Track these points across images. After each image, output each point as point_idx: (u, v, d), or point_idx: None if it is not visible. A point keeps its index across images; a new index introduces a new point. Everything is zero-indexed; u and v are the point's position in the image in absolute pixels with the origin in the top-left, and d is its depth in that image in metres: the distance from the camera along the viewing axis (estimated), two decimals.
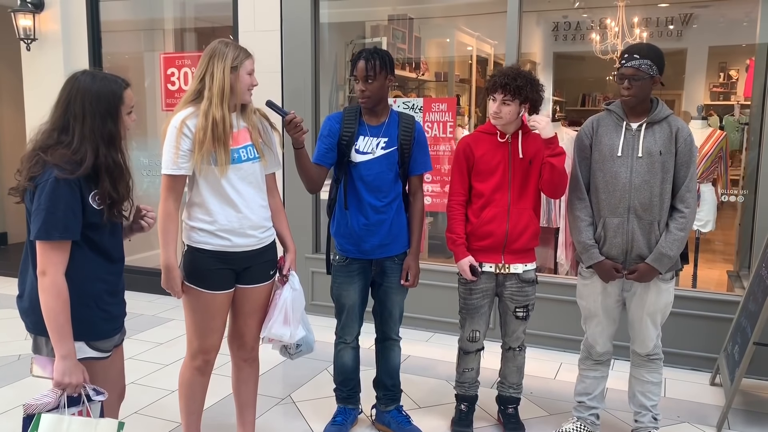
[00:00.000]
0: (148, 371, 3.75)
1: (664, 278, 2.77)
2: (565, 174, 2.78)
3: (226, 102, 2.36)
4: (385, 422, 3.09)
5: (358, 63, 2.74)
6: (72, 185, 1.90)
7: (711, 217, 4.64)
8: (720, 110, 8.37)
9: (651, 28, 6.80)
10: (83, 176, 1.92)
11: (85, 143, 1.94)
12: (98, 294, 2.02)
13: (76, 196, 1.91)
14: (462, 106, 6.52)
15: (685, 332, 3.86)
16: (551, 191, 2.84)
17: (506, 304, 2.94)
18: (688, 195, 2.71)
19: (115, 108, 1.99)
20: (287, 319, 2.56)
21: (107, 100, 1.97)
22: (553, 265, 4.90)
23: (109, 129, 1.97)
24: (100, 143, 1.95)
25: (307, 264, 4.76)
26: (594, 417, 3.03)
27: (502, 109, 2.76)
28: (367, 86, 2.74)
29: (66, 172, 1.89)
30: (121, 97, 2.00)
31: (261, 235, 2.52)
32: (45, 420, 1.92)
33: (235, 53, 2.39)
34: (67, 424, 1.92)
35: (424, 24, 5.95)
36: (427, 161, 2.94)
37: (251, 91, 2.47)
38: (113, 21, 5.63)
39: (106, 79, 2.01)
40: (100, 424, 1.96)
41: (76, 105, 1.95)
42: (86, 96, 1.95)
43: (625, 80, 2.65)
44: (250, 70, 2.44)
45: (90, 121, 1.94)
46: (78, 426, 1.93)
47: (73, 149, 1.93)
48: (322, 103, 4.86)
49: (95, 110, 1.95)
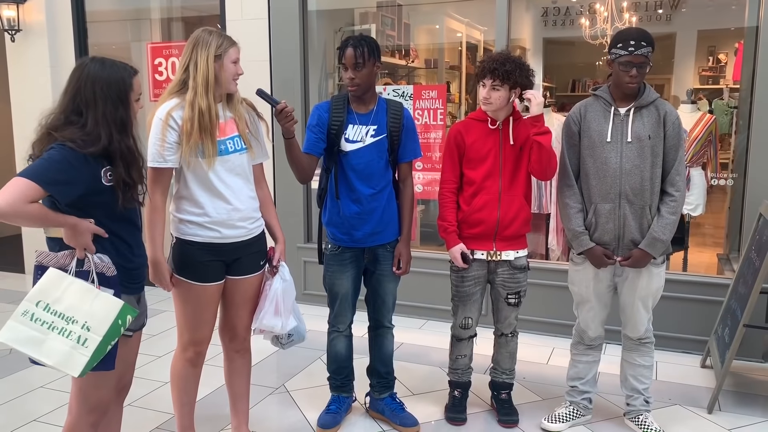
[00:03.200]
0: (140, 363, 3.69)
1: (655, 263, 2.78)
2: (553, 154, 2.77)
3: (211, 91, 2.34)
4: (379, 410, 3.10)
5: (347, 50, 2.72)
6: (78, 154, 1.91)
7: (701, 201, 4.67)
8: (709, 94, 8.39)
9: (640, 12, 6.78)
10: (95, 155, 1.94)
11: (98, 128, 1.96)
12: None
13: (80, 161, 1.91)
14: (452, 93, 6.50)
15: (676, 316, 3.89)
16: (541, 171, 2.81)
17: (498, 290, 2.94)
18: (678, 178, 2.72)
19: (125, 94, 2.01)
20: (278, 310, 2.56)
21: (117, 87, 1.99)
22: (544, 251, 4.92)
23: (121, 115, 2.00)
24: (113, 129, 1.97)
25: (299, 254, 4.75)
26: (587, 401, 3.05)
27: (491, 95, 2.75)
28: (357, 73, 2.72)
29: (76, 145, 1.91)
30: (130, 83, 2.03)
31: (250, 226, 2.50)
32: (50, 272, 1.94)
33: (218, 41, 2.36)
34: (68, 282, 1.94)
35: (413, 10, 5.91)
36: (416, 148, 2.93)
37: (237, 81, 2.44)
38: (99, 11, 5.57)
39: (115, 65, 2.02)
40: (100, 296, 1.95)
41: (87, 91, 1.97)
42: (97, 82, 1.97)
43: (634, 68, 2.62)
44: (235, 58, 2.41)
45: (102, 106, 1.96)
46: (78, 288, 1.94)
47: (87, 131, 1.95)
48: (312, 91, 4.83)
49: (107, 96, 1.97)
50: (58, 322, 1.91)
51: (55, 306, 1.92)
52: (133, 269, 2.14)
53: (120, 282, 2.04)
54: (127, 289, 2.11)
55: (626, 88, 2.68)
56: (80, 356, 1.90)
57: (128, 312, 1.99)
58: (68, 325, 1.91)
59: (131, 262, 2.13)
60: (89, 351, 1.91)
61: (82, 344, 1.91)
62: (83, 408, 2.11)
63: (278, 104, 2.50)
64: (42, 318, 1.91)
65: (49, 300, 1.92)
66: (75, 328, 1.91)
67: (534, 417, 3.10)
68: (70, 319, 1.92)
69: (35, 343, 1.90)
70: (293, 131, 2.58)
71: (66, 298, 1.93)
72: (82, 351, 1.91)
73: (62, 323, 1.92)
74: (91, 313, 1.93)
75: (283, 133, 2.58)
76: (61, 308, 1.92)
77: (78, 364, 1.90)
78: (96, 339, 1.92)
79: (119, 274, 2.04)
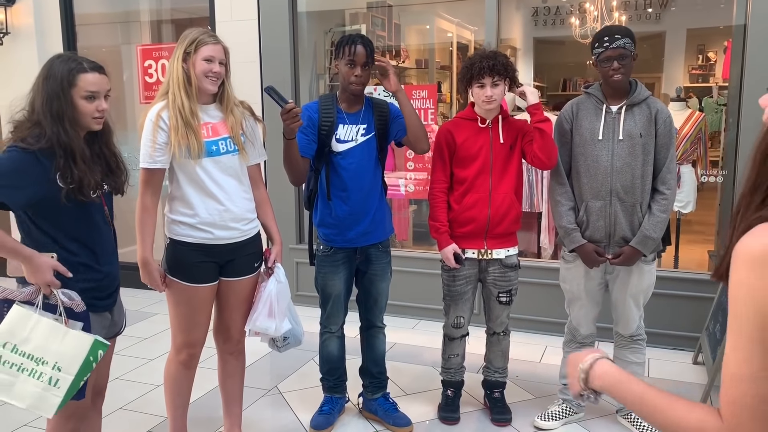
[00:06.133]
0: (132, 366, 3.72)
1: (646, 260, 2.79)
2: (554, 142, 2.77)
3: (183, 90, 2.32)
4: (372, 410, 3.10)
5: (357, 48, 2.69)
6: (28, 155, 1.92)
7: (691, 198, 4.70)
8: (699, 92, 8.43)
9: (630, 11, 6.80)
10: (46, 151, 1.93)
11: (41, 119, 1.97)
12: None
13: (29, 162, 1.91)
14: (443, 93, 6.51)
15: (668, 312, 3.90)
16: (546, 157, 2.71)
17: (489, 289, 2.95)
18: (669, 176, 2.73)
19: (62, 89, 1.99)
20: (272, 312, 2.55)
21: (57, 80, 1.99)
22: (536, 249, 4.93)
23: (57, 107, 1.98)
24: (50, 120, 1.97)
25: (291, 255, 4.74)
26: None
27: (494, 92, 2.73)
28: (364, 72, 2.72)
29: (26, 143, 1.92)
30: (71, 79, 2.00)
31: (244, 227, 2.49)
32: (15, 311, 1.89)
33: (191, 39, 2.34)
34: (34, 321, 1.89)
35: (403, 11, 5.91)
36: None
37: (212, 78, 2.37)
38: (88, 14, 5.54)
39: (69, 60, 2.04)
40: (69, 333, 1.90)
41: (37, 83, 2.01)
42: (42, 74, 2.02)
43: (614, 61, 2.63)
44: (208, 56, 2.34)
45: (40, 97, 1.98)
46: (45, 327, 1.89)
47: (34, 121, 1.97)
48: (302, 92, 4.83)
49: (47, 89, 1.99)
50: (28, 364, 1.87)
51: (23, 347, 1.87)
52: (100, 279, 2.10)
53: (90, 302, 2.01)
54: (97, 308, 2.08)
55: (613, 83, 2.69)
56: (53, 397, 1.87)
57: (99, 347, 1.94)
58: (38, 366, 1.87)
59: (98, 272, 2.09)
60: (62, 392, 1.87)
61: (54, 385, 1.87)
62: (61, 416, 2.05)
63: (288, 104, 2.47)
64: (10, 360, 1.86)
65: (16, 341, 1.87)
66: (45, 369, 1.86)
67: (527, 415, 3.11)
68: (39, 360, 1.87)
69: (5, 386, 1.86)
70: (296, 132, 2.57)
71: (34, 338, 1.87)
72: (55, 392, 1.87)
73: (32, 364, 1.87)
74: (60, 353, 1.87)
75: (284, 132, 2.56)
76: (29, 349, 1.87)
77: (51, 405, 1.87)
78: (68, 379, 1.88)
79: (85, 293, 2.01)
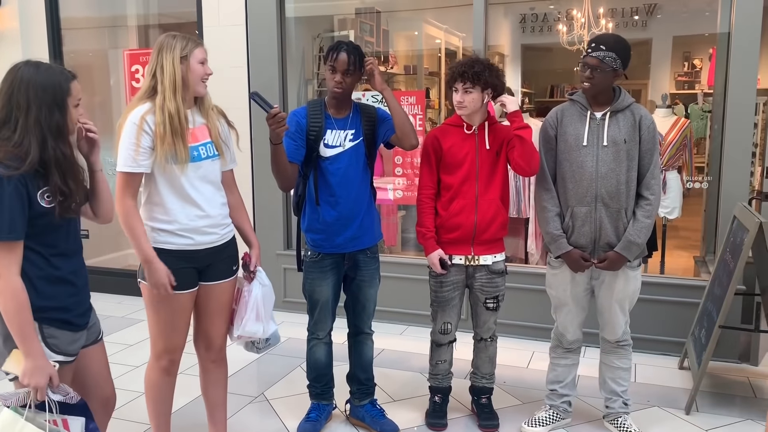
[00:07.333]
0: (117, 373, 3.67)
1: (631, 266, 2.80)
2: (535, 149, 2.78)
3: (179, 94, 2.31)
4: (359, 416, 3.08)
5: (340, 54, 2.70)
6: (17, 183, 1.82)
7: (677, 204, 4.73)
8: (685, 99, 8.51)
9: (617, 18, 6.87)
10: (30, 173, 1.84)
11: (29, 136, 1.85)
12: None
13: (21, 193, 1.83)
14: (432, 99, 6.53)
15: (654, 318, 3.92)
16: (526, 164, 2.74)
17: (476, 295, 2.95)
18: (653, 182, 2.75)
19: (61, 99, 1.91)
20: (259, 316, 2.55)
21: (53, 91, 1.89)
22: (523, 255, 4.94)
23: (57, 120, 1.89)
24: (47, 135, 1.87)
25: (278, 261, 4.72)
26: (566, 404, 3.06)
27: (465, 98, 2.77)
28: (345, 78, 2.73)
29: (10, 169, 1.81)
30: (68, 88, 1.93)
31: (221, 231, 2.49)
32: (4, 415, 1.85)
33: (183, 43, 2.34)
34: (20, 426, 1.84)
35: (391, 17, 5.93)
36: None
37: (206, 82, 2.41)
38: (74, 18, 5.51)
39: (51, 69, 1.94)
40: None
41: (20, 95, 1.86)
42: (30, 86, 1.87)
43: (588, 69, 2.68)
44: (201, 59, 2.37)
45: (35, 111, 1.86)
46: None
47: (15, 143, 1.85)
48: (290, 97, 4.82)
49: (41, 101, 1.87)
50: None
51: None
52: (77, 293, 2.03)
53: (70, 320, 1.97)
54: (76, 327, 2.02)
55: (582, 89, 2.73)
56: None
57: None
58: None
59: (75, 286, 2.02)
60: None
61: None
62: None
63: (273, 108, 2.48)
64: None
65: None
66: None
67: (514, 421, 3.11)
68: None
69: None
70: (282, 137, 2.57)
71: None
72: None
73: None
74: None
75: (271, 138, 2.56)
76: None
77: None
78: None
79: (68, 312, 1.97)
